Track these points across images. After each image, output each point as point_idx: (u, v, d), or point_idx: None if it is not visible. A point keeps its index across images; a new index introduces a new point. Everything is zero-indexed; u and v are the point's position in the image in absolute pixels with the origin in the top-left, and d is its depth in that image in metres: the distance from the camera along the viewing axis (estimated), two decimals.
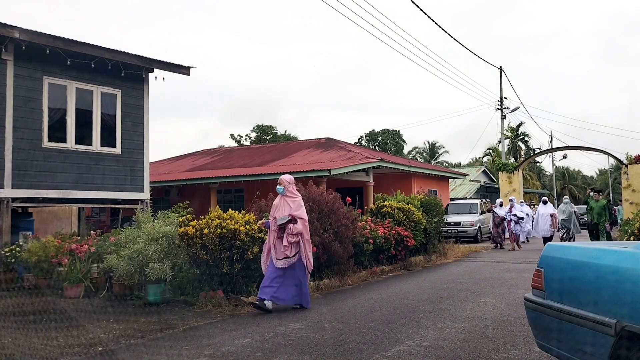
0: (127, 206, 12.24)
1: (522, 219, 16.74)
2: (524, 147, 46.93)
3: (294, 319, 6.30)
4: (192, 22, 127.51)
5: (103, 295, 7.93)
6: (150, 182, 12.81)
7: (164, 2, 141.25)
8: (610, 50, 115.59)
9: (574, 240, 14.72)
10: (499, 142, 33.80)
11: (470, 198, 30.13)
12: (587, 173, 69.59)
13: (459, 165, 49.10)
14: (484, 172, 39.49)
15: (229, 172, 19.80)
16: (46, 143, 10.56)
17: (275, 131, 48.65)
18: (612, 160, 23.07)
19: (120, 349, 5.10)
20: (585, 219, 17.71)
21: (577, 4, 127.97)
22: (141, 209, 11.33)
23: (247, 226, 7.47)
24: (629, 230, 8.51)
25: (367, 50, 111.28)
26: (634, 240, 8.19)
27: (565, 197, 17.33)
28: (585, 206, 16.42)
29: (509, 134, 36.93)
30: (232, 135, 50.05)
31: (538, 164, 48.93)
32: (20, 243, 9.23)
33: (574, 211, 16.64)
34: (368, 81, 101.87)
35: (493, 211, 17.27)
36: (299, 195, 7.27)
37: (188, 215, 8.27)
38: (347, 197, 10.55)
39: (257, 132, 48.64)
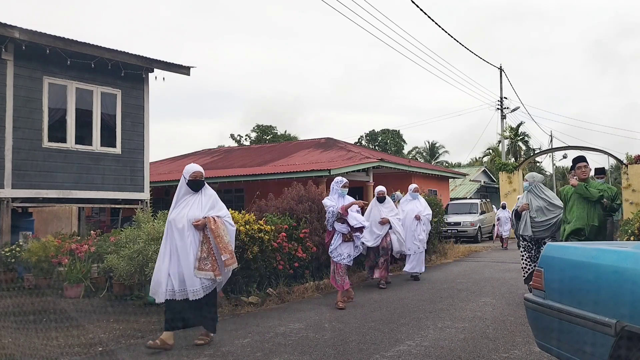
0: (127, 206, 12.24)
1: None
2: (524, 147, 46.88)
3: (294, 319, 6.30)
4: (191, 22, 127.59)
5: (103, 295, 7.92)
6: (150, 182, 12.80)
7: (166, 2, 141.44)
8: (610, 51, 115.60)
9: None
10: (499, 142, 33.84)
11: (470, 198, 30.14)
12: None
13: (459, 165, 49.08)
14: (484, 172, 39.49)
15: (229, 172, 19.79)
16: (46, 143, 10.56)
17: (275, 131, 48.66)
18: (612, 160, 23.07)
19: (120, 349, 5.10)
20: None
21: (577, 6, 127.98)
22: (141, 209, 11.33)
23: (247, 226, 7.47)
24: (629, 230, 8.48)
25: (367, 50, 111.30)
26: (634, 240, 8.17)
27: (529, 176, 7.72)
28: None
29: (508, 133, 36.94)
30: (232, 135, 50.12)
31: (538, 164, 48.87)
32: (20, 243, 9.22)
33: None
34: (368, 81, 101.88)
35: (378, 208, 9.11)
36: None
37: None
38: None
39: (257, 132, 48.65)
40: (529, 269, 7.40)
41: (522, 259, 7.54)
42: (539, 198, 7.38)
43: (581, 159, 6.88)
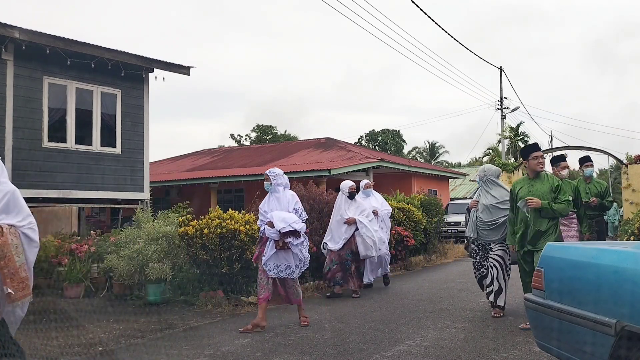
0: (127, 206, 12.25)
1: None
2: None
3: (294, 319, 6.30)
4: (191, 22, 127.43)
5: (103, 295, 7.93)
6: (150, 182, 12.81)
7: (166, 3, 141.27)
8: (610, 52, 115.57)
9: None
10: (499, 142, 33.84)
11: (470, 198, 30.11)
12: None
13: (459, 165, 49.08)
14: None
15: (229, 172, 19.80)
16: (46, 143, 10.56)
17: (275, 131, 48.68)
18: (612, 160, 23.05)
19: (120, 349, 5.11)
20: None
21: (577, 6, 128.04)
22: (141, 209, 11.33)
23: (247, 226, 7.47)
24: (629, 230, 8.47)
25: (368, 50, 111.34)
26: (634, 240, 8.17)
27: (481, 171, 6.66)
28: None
29: (508, 133, 36.96)
30: (232, 135, 50.12)
31: None
32: None
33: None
34: (368, 81, 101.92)
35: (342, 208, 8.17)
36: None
37: (188, 215, 8.26)
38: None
39: (257, 132, 48.67)
40: (475, 276, 6.62)
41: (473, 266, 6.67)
42: (488, 195, 6.33)
43: (536, 147, 5.71)
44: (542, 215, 5.36)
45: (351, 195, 8.14)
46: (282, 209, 5.87)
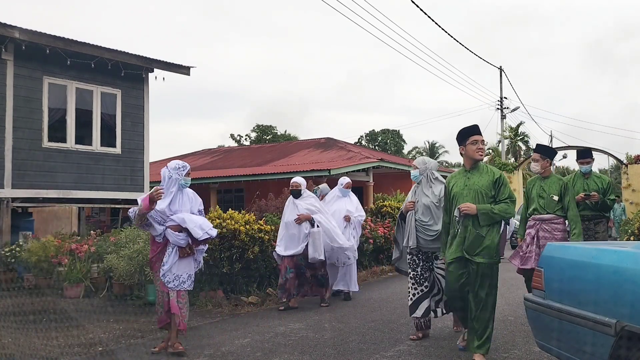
0: (127, 206, 12.23)
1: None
2: (523, 147, 46.87)
3: (294, 319, 6.30)
4: (192, 23, 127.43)
5: (103, 295, 7.93)
6: (150, 182, 12.80)
7: (166, 3, 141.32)
8: (610, 52, 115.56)
9: None
10: (499, 142, 33.83)
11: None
12: None
13: (459, 165, 48.90)
14: None
15: (229, 172, 19.80)
16: (46, 143, 10.57)
17: (275, 131, 48.66)
18: (612, 160, 23.06)
19: (120, 349, 5.11)
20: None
21: (577, 7, 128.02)
22: None
23: (247, 226, 7.47)
24: (629, 230, 8.46)
25: (368, 51, 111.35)
26: (634, 240, 8.15)
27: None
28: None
29: (508, 133, 36.98)
30: (232, 135, 50.09)
31: None
32: (20, 243, 9.23)
33: None
34: (369, 81, 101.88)
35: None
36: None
37: None
38: None
39: (257, 132, 48.66)
40: (413, 294, 5.25)
41: (409, 280, 5.33)
42: (429, 192, 5.27)
43: (475, 129, 4.52)
44: (482, 223, 4.34)
45: (294, 194, 7.07)
46: (186, 210, 4.96)
